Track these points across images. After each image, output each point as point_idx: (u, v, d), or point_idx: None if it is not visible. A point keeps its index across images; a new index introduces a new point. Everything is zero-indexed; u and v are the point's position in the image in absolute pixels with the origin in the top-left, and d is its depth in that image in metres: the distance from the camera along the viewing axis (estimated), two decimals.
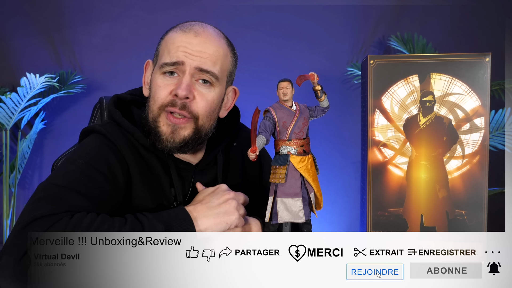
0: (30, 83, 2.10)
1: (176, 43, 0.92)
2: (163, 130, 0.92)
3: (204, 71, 0.92)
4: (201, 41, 0.93)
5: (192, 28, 0.94)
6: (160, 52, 0.96)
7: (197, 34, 0.93)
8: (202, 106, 0.93)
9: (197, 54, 0.91)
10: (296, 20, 2.32)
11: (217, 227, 0.84)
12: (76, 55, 2.31)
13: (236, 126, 1.10)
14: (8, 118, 2.12)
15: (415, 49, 2.18)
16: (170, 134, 0.92)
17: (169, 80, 0.92)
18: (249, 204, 1.09)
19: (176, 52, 0.91)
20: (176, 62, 0.91)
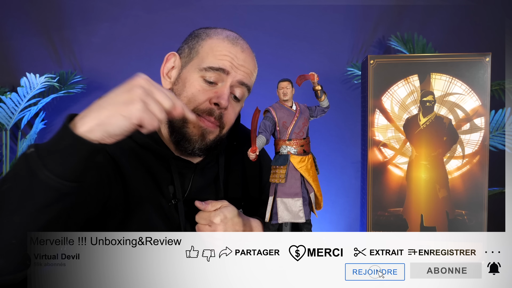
0: (30, 83, 2.10)
1: (224, 52, 0.94)
2: (193, 131, 0.93)
3: (243, 85, 0.96)
4: (246, 57, 0.97)
5: (239, 42, 0.97)
6: (201, 53, 0.95)
7: (243, 49, 0.97)
8: (231, 118, 0.97)
9: (242, 68, 0.95)
10: (296, 20, 2.32)
11: (106, 122, 0.65)
12: (76, 55, 2.31)
13: (236, 126, 1.10)
14: (8, 118, 2.12)
15: (415, 49, 2.18)
16: (200, 137, 0.93)
17: (208, 86, 0.93)
18: (249, 204, 1.09)
19: (222, 60, 0.93)
20: (222, 69, 0.92)
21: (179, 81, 0.96)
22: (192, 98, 0.93)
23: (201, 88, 0.93)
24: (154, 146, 0.95)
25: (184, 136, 0.93)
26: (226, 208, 0.92)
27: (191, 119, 0.76)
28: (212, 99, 0.92)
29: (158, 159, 0.96)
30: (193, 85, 0.93)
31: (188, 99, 0.93)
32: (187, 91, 0.94)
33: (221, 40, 0.96)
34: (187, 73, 0.95)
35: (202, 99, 0.92)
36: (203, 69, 0.93)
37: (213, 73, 0.92)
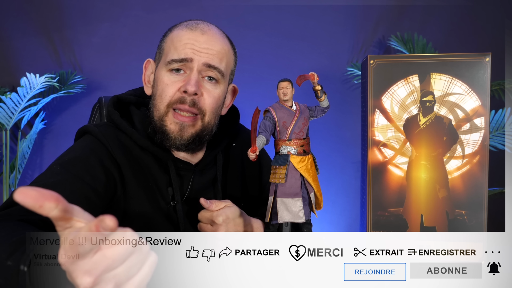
0: (30, 83, 2.10)
1: (183, 40, 0.93)
2: (170, 128, 0.93)
3: (211, 67, 0.93)
4: (208, 39, 0.94)
5: (198, 26, 0.95)
6: (165, 49, 0.96)
7: (204, 32, 0.94)
8: (210, 102, 0.94)
9: (204, 51, 0.93)
10: (296, 20, 2.32)
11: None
12: (76, 55, 2.31)
13: (236, 127, 1.10)
14: (8, 118, 2.12)
15: (415, 49, 2.18)
16: (179, 132, 0.93)
17: (176, 77, 0.93)
18: (249, 205, 1.09)
19: (183, 49, 0.92)
20: (185, 58, 0.92)
21: (154, 83, 0.97)
22: (162, 93, 0.93)
23: (170, 81, 0.93)
24: (153, 148, 0.95)
25: (164, 134, 0.93)
26: (229, 208, 0.92)
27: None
28: (181, 87, 0.92)
29: (157, 161, 0.96)
30: (162, 81, 0.93)
31: (160, 96, 0.93)
32: (159, 89, 0.94)
33: (180, 30, 0.95)
34: (158, 72, 0.96)
35: (172, 91, 0.92)
36: (167, 63, 0.93)
37: (177, 64, 0.92)
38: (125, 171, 0.92)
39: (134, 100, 1.04)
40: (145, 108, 1.02)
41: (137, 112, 1.01)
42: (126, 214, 0.92)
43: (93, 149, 0.91)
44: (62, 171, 0.86)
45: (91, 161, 0.89)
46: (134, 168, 0.93)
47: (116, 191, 0.91)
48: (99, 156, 0.90)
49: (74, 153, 0.92)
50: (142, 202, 0.93)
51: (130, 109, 1.02)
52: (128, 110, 1.02)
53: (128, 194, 0.92)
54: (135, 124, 0.98)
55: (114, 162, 0.92)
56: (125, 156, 0.93)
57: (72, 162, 0.88)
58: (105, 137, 0.93)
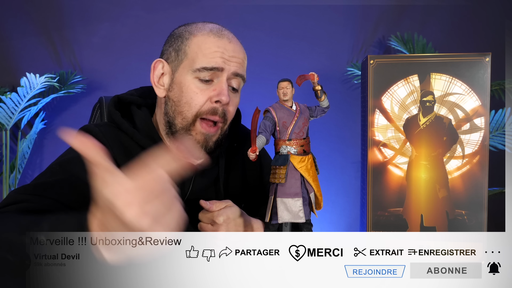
0: (30, 83, 2.10)
1: (213, 48, 0.92)
2: (196, 138, 0.93)
3: (238, 76, 0.94)
4: (235, 47, 0.95)
5: (223, 34, 0.95)
6: (190, 54, 0.93)
7: (230, 40, 0.95)
8: (232, 111, 0.96)
9: (233, 60, 0.93)
10: (296, 20, 2.32)
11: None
12: (76, 55, 2.31)
13: (237, 127, 1.10)
14: (8, 118, 2.12)
15: (415, 49, 2.18)
16: (204, 143, 0.93)
17: (204, 85, 0.92)
18: (250, 205, 1.09)
19: (214, 57, 0.91)
20: (216, 67, 0.91)
21: (173, 87, 0.95)
22: (191, 101, 0.92)
23: (199, 90, 0.92)
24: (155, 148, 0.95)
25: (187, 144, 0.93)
26: (230, 208, 0.92)
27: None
28: (213, 97, 0.91)
29: None
30: (190, 88, 0.92)
31: (188, 104, 0.92)
32: (185, 96, 0.93)
33: (206, 36, 0.94)
34: (180, 76, 0.94)
35: (202, 100, 0.92)
36: (197, 70, 0.91)
37: (207, 72, 0.91)
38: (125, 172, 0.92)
39: (135, 100, 1.04)
40: (146, 108, 1.02)
41: (138, 113, 1.01)
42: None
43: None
44: (61, 171, 0.86)
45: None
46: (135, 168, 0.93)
47: None
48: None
49: (73, 152, 0.91)
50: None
51: (131, 109, 1.02)
52: (129, 110, 1.02)
53: None
54: (136, 124, 0.98)
55: (114, 163, 0.92)
56: (125, 156, 0.93)
57: (71, 161, 0.88)
58: (106, 137, 0.93)
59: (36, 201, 0.79)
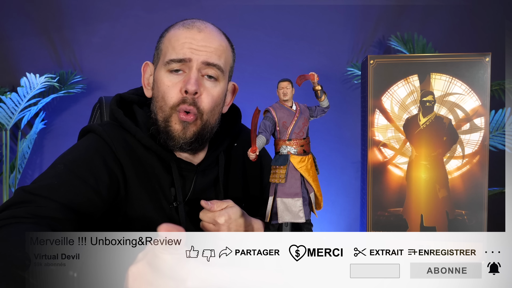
0: (30, 83, 2.10)
1: (181, 40, 0.92)
2: (175, 128, 0.93)
3: (210, 65, 0.93)
4: (205, 36, 0.93)
5: (194, 25, 0.95)
6: (163, 50, 0.95)
7: (200, 30, 0.94)
8: (208, 101, 0.94)
9: (202, 49, 0.92)
10: (296, 20, 2.32)
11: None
12: (76, 55, 2.31)
13: (237, 127, 1.10)
14: (8, 118, 2.12)
15: (415, 49, 2.18)
16: (182, 131, 0.93)
17: (176, 77, 0.93)
18: (250, 205, 1.09)
19: (182, 48, 0.92)
20: (183, 59, 0.91)
21: (154, 85, 0.96)
22: (165, 95, 0.93)
23: (170, 83, 0.92)
24: (157, 147, 0.95)
25: (168, 134, 0.93)
26: (231, 208, 0.92)
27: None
28: (182, 88, 0.91)
29: (161, 161, 0.96)
30: (163, 82, 0.93)
31: (163, 98, 0.93)
32: (160, 91, 0.94)
33: (176, 30, 0.95)
34: (158, 73, 0.95)
35: (174, 93, 0.92)
36: (166, 63, 0.92)
37: (176, 64, 0.92)
38: (127, 171, 0.92)
39: (136, 99, 1.04)
40: (147, 107, 1.02)
41: (140, 112, 1.01)
42: (129, 214, 0.92)
43: (97, 149, 0.91)
44: (66, 172, 0.86)
45: (95, 162, 0.89)
46: (137, 168, 0.93)
47: (119, 192, 0.91)
48: (103, 156, 0.90)
49: (78, 152, 0.92)
50: (144, 203, 0.93)
51: (133, 108, 1.02)
52: (131, 109, 1.02)
53: (131, 195, 0.92)
54: (139, 123, 0.98)
55: (118, 163, 0.92)
56: (128, 155, 0.93)
57: (76, 162, 0.88)
58: (110, 136, 0.93)
59: (43, 203, 0.79)
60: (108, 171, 0.89)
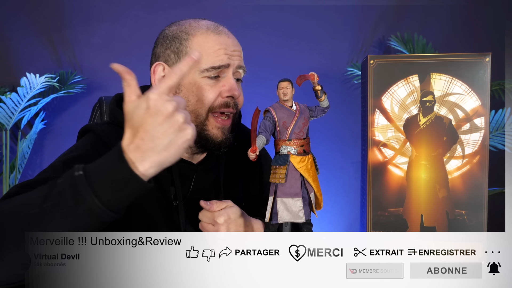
0: (30, 83, 2.10)
1: (215, 46, 0.94)
2: (214, 133, 0.95)
3: (241, 68, 0.98)
4: (233, 41, 0.98)
5: (221, 30, 0.97)
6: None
7: (228, 35, 0.98)
8: (241, 100, 1.00)
9: (235, 54, 0.96)
10: (296, 20, 2.32)
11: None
12: (76, 55, 2.31)
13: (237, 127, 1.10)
14: (8, 118, 2.12)
15: (415, 49, 2.18)
16: (222, 136, 0.96)
17: (212, 81, 0.94)
18: (250, 205, 1.09)
19: (218, 55, 0.94)
20: (223, 65, 0.94)
21: (181, 89, 0.95)
22: (204, 99, 0.94)
23: (209, 87, 0.94)
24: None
25: (207, 139, 0.95)
26: (230, 208, 0.92)
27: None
28: (223, 93, 0.94)
29: None
30: (200, 87, 0.94)
31: (201, 101, 0.94)
32: (197, 95, 0.94)
33: (205, 35, 0.95)
34: (187, 78, 0.94)
35: (213, 96, 0.94)
36: (205, 70, 0.93)
37: (215, 71, 0.94)
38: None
39: None
40: None
41: None
42: (128, 213, 0.92)
43: (95, 148, 0.91)
44: (63, 169, 0.86)
45: (93, 161, 0.89)
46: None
47: None
48: (101, 155, 0.90)
49: (76, 151, 0.92)
50: (143, 201, 0.93)
51: None
52: None
53: None
54: None
55: None
56: None
57: (74, 160, 0.88)
58: (108, 136, 0.93)
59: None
60: None
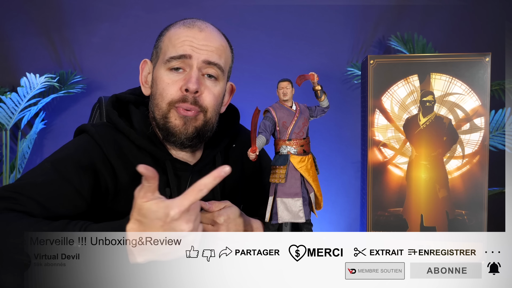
0: (30, 83, 2.10)
1: (181, 38, 0.93)
2: (175, 123, 0.93)
3: (211, 64, 0.94)
4: (206, 36, 0.94)
5: (195, 24, 0.95)
6: (163, 48, 0.95)
7: (201, 29, 0.95)
8: (210, 99, 0.95)
9: (203, 47, 0.93)
10: (296, 20, 2.32)
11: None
12: (76, 55, 2.31)
13: (235, 127, 1.09)
14: (8, 118, 2.12)
15: (415, 49, 2.18)
16: (183, 126, 0.93)
17: (176, 75, 0.93)
18: (249, 205, 1.09)
19: (182, 46, 0.92)
20: (183, 55, 0.92)
21: (153, 83, 0.97)
22: (163, 92, 0.93)
23: (170, 80, 0.93)
24: (151, 147, 0.95)
25: (168, 130, 0.94)
26: (229, 208, 0.92)
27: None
28: (182, 86, 0.92)
29: (155, 161, 0.96)
30: (162, 79, 0.93)
31: (161, 95, 0.93)
32: (159, 88, 0.94)
33: (177, 29, 0.95)
34: (156, 71, 0.96)
35: (174, 90, 0.92)
36: (166, 61, 0.93)
37: (176, 61, 0.92)
38: (119, 173, 0.92)
39: (133, 99, 1.04)
40: (144, 107, 1.02)
41: (136, 112, 1.01)
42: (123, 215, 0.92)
43: (87, 150, 0.91)
44: (52, 170, 0.86)
45: (83, 163, 0.88)
46: (130, 169, 0.93)
47: (108, 194, 0.91)
48: (91, 158, 0.90)
49: (67, 151, 0.92)
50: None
51: (129, 108, 1.02)
52: (127, 109, 1.02)
53: (123, 196, 0.92)
54: (134, 124, 0.98)
55: (108, 164, 0.91)
56: (120, 157, 0.93)
57: (63, 162, 0.88)
58: (101, 137, 0.93)
59: (22, 201, 0.79)
60: (95, 173, 0.89)
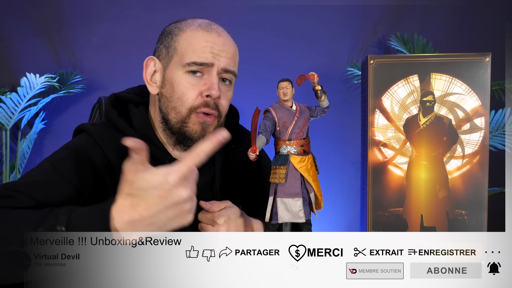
0: (30, 83, 2.10)
1: (201, 43, 0.93)
2: (193, 129, 0.93)
3: (228, 72, 0.95)
4: (224, 41, 0.95)
5: (212, 28, 0.95)
6: (180, 50, 0.94)
7: (219, 33, 0.95)
8: (225, 104, 0.96)
9: (223, 54, 0.94)
10: (296, 20, 2.32)
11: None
12: (76, 55, 2.31)
13: (236, 128, 1.09)
14: (8, 118, 2.12)
15: (415, 49, 2.18)
16: (201, 132, 0.94)
17: (195, 79, 0.93)
18: (249, 205, 1.09)
19: (203, 52, 0.92)
20: (206, 63, 0.92)
21: (165, 84, 0.96)
22: (183, 96, 0.93)
23: (189, 85, 0.93)
24: (151, 147, 0.95)
25: (185, 136, 0.94)
26: (230, 209, 0.92)
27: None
28: (203, 92, 0.92)
29: (154, 161, 0.96)
30: (181, 83, 0.93)
31: (180, 99, 0.93)
32: (176, 92, 0.93)
33: (195, 31, 0.94)
34: (171, 73, 0.95)
35: (194, 95, 0.92)
36: (186, 65, 0.92)
37: (197, 67, 0.92)
38: (118, 173, 0.92)
39: (132, 98, 1.03)
40: (143, 106, 1.02)
41: (135, 111, 1.01)
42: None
43: (86, 149, 0.91)
44: (51, 170, 0.86)
45: (82, 162, 0.88)
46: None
47: (107, 193, 0.91)
48: (91, 157, 0.90)
49: (66, 151, 0.91)
50: None
51: (128, 107, 1.02)
52: (126, 108, 1.02)
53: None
54: (133, 123, 0.98)
55: (107, 164, 0.91)
56: (119, 156, 0.93)
57: (62, 161, 0.88)
58: (101, 137, 0.92)
59: (20, 199, 0.79)
60: (95, 172, 0.89)
